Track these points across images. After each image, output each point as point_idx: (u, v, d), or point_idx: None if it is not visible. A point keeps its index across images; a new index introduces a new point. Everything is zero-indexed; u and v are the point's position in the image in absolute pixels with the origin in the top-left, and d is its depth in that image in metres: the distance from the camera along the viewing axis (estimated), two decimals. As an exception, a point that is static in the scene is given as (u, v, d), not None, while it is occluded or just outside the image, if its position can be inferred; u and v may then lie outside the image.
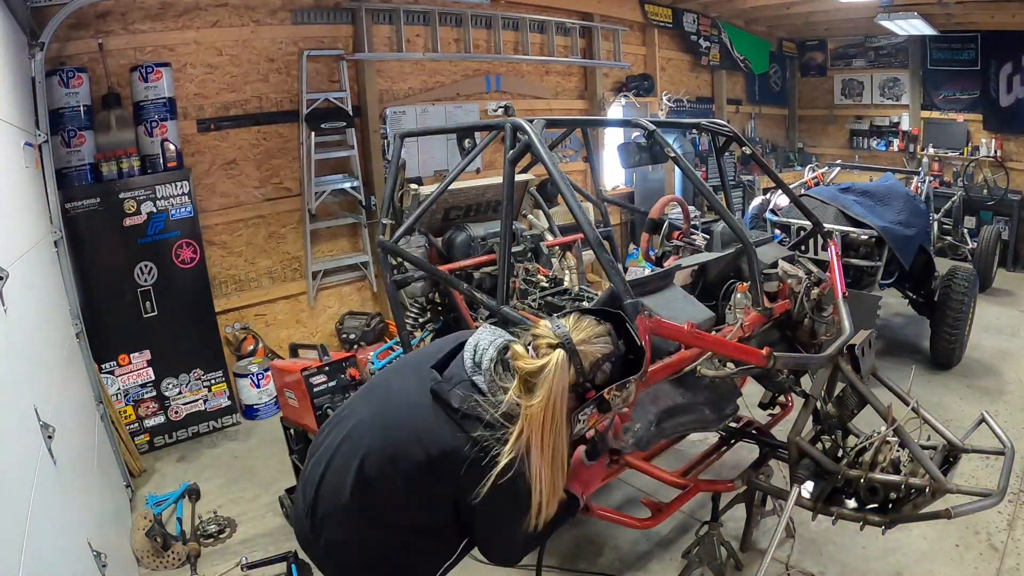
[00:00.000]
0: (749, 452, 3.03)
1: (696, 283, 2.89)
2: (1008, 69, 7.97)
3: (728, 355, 2.26)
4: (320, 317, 5.53)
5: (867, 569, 2.90)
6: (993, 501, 2.04)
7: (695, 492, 2.69)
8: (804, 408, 2.36)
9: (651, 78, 7.75)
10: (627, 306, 2.01)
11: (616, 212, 7.43)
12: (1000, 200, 7.87)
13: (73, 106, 3.97)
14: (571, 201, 2.28)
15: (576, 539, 3.22)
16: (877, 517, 2.18)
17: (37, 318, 2.64)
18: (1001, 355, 5.13)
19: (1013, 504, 3.23)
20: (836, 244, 3.26)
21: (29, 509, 1.69)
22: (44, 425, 2.07)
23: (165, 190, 4.21)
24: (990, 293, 6.66)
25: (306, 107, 5.02)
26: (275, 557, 2.93)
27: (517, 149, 2.53)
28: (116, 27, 4.29)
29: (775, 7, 8.12)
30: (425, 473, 1.43)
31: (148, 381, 4.31)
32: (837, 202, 4.76)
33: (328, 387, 3.07)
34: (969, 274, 4.87)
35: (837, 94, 10.04)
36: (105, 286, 4.07)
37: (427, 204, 3.03)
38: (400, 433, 1.49)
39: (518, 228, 3.88)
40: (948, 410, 4.19)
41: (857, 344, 2.37)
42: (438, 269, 3.16)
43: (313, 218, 5.22)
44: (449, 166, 5.65)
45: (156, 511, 3.39)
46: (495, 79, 6.32)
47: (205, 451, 4.34)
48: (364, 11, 5.26)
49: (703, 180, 3.34)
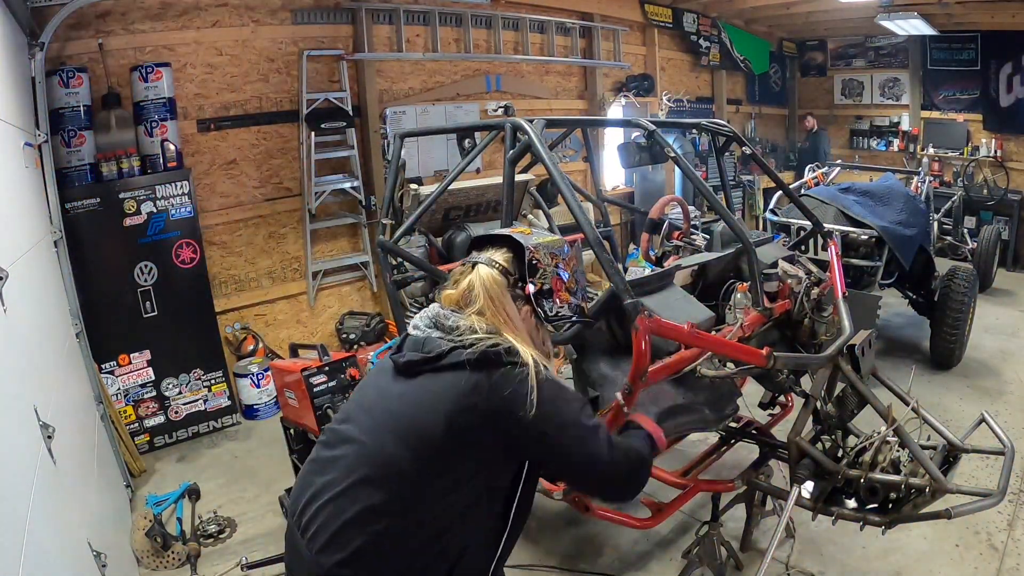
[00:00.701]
0: (749, 452, 3.03)
1: (696, 283, 2.89)
2: (1008, 69, 7.97)
3: (728, 355, 2.26)
4: (320, 317, 5.53)
5: (867, 569, 2.90)
6: (993, 501, 2.04)
7: (695, 492, 2.70)
8: (804, 408, 2.36)
9: (651, 78, 7.75)
10: (627, 306, 2.01)
11: (616, 212, 7.43)
12: (1000, 200, 7.88)
13: (73, 106, 3.97)
14: (571, 201, 2.28)
15: (576, 539, 3.22)
16: (877, 517, 2.18)
17: (37, 318, 2.63)
18: (1001, 355, 5.13)
19: (1013, 504, 3.23)
20: (836, 244, 3.26)
21: (29, 509, 1.69)
22: (44, 425, 2.07)
23: (165, 190, 4.21)
24: (990, 293, 6.66)
25: (306, 107, 5.03)
26: (275, 557, 2.92)
27: (517, 149, 2.53)
28: (116, 27, 4.29)
29: (775, 7, 8.13)
30: (459, 434, 1.33)
31: (148, 381, 4.31)
32: (837, 202, 4.76)
33: (328, 387, 3.07)
34: (969, 274, 4.87)
35: (837, 94, 10.05)
36: (105, 286, 4.07)
37: (427, 204, 3.03)
38: (406, 421, 1.38)
39: (518, 228, 3.88)
40: (948, 410, 4.19)
41: (857, 344, 2.37)
42: (438, 269, 3.16)
43: (313, 218, 5.22)
44: (449, 166, 5.64)
45: (156, 511, 3.38)
46: (495, 79, 6.32)
47: (205, 451, 4.34)
48: (364, 11, 5.26)
49: (703, 180, 3.34)
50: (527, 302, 1.49)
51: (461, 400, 1.33)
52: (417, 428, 1.36)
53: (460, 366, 1.35)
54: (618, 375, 2.18)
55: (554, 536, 3.25)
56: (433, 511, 1.36)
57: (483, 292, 1.44)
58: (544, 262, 1.50)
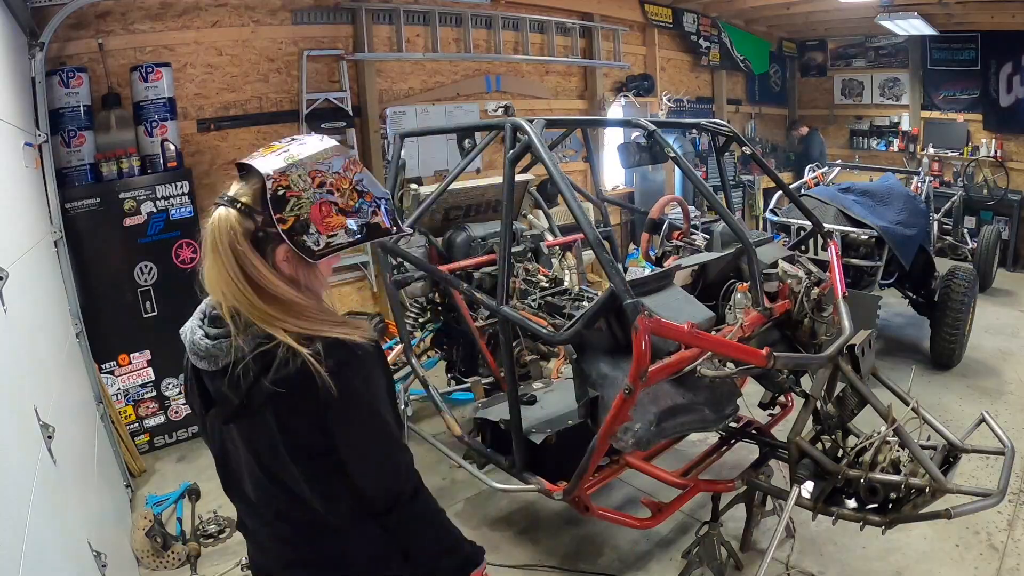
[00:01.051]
0: (749, 452, 3.03)
1: (696, 283, 2.89)
2: (1008, 69, 7.97)
3: (728, 355, 2.26)
4: (320, 317, 5.53)
5: (867, 569, 2.90)
6: (993, 501, 2.04)
7: (695, 492, 2.70)
8: (804, 408, 2.37)
9: (651, 78, 7.75)
10: (627, 306, 2.01)
11: (616, 212, 7.43)
12: (1000, 200, 7.88)
13: (73, 106, 3.96)
14: (571, 201, 2.28)
15: (576, 539, 3.22)
16: (877, 517, 2.18)
17: (37, 318, 2.64)
18: (1001, 355, 5.13)
19: (1013, 504, 3.23)
20: (836, 244, 3.26)
21: (29, 509, 1.69)
22: (44, 425, 2.07)
23: (165, 190, 4.21)
24: (990, 293, 6.66)
25: (306, 107, 5.03)
26: (275, 557, 2.92)
27: (517, 149, 2.53)
28: (116, 27, 4.29)
29: (775, 7, 8.12)
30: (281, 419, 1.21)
31: (148, 381, 4.31)
32: (837, 202, 4.75)
33: (328, 387, 3.07)
34: (969, 274, 4.87)
35: (837, 94, 10.04)
36: (105, 286, 4.06)
37: (427, 204, 3.03)
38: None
39: (518, 228, 3.88)
40: (948, 410, 4.19)
41: (857, 344, 2.37)
42: (438, 269, 3.16)
43: (313, 218, 5.21)
44: (449, 166, 5.64)
45: (156, 511, 3.38)
46: (495, 79, 6.32)
47: (205, 451, 4.28)
48: (364, 11, 5.26)
49: (703, 180, 3.34)
50: (281, 241, 1.22)
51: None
52: None
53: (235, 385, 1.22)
54: (618, 375, 2.18)
55: (554, 536, 3.25)
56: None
57: (211, 252, 1.21)
58: (298, 187, 1.22)
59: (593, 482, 2.61)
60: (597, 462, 2.34)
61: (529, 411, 2.81)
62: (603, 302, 2.15)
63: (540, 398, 2.97)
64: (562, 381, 3.09)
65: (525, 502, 3.50)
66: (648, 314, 1.99)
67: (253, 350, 1.21)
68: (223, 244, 1.20)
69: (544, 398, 2.97)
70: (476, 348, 3.47)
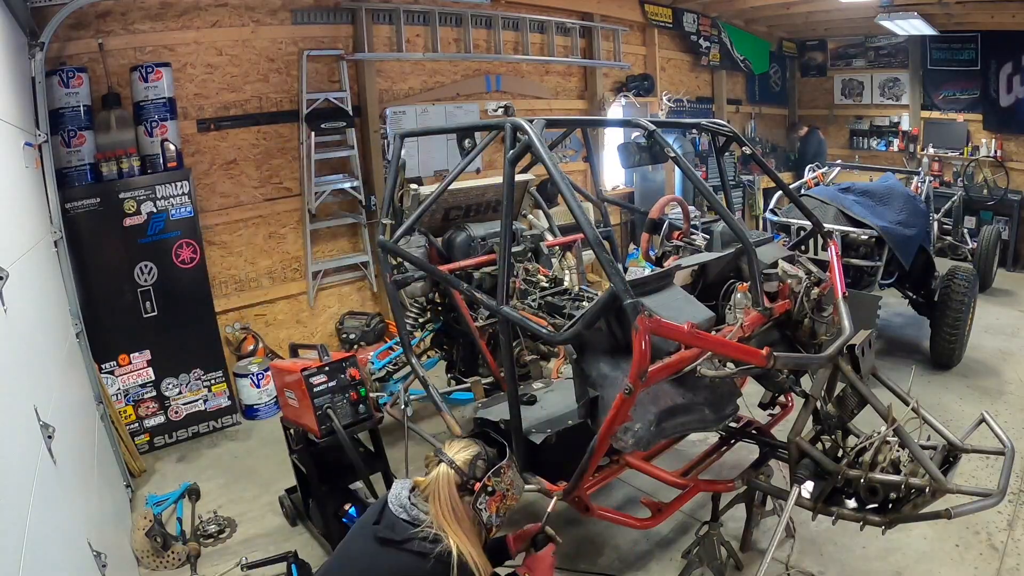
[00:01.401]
0: (749, 452, 3.03)
1: (696, 283, 2.89)
2: (1008, 69, 7.97)
3: (728, 355, 2.25)
4: (320, 317, 5.54)
5: (867, 569, 2.90)
6: (993, 501, 2.04)
7: (695, 492, 2.70)
8: (804, 408, 2.36)
9: (651, 78, 7.75)
10: (627, 306, 2.01)
11: (616, 212, 7.43)
12: (1000, 200, 7.88)
13: (73, 106, 3.97)
14: (571, 201, 2.28)
15: (576, 539, 3.22)
16: (877, 517, 2.18)
17: (37, 318, 2.64)
18: (1001, 355, 5.13)
19: (1013, 504, 3.23)
20: (836, 244, 3.26)
21: (29, 509, 1.69)
22: (44, 425, 2.07)
23: (165, 190, 4.21)
24: (990, 293, 6.66)
25: (306, 107, 5.03)
26: (275, 557, 2.92)
27: (517, 149, 2.53)
28: (116, 27, 4.29)
29: (775, 7, 8.13)
30: None
31: (148, 381, 4.31)
32: (837, 202, 4.76)
33: (328, 387, 3.07)
34: (969, 274, 4.87)
35: (837, 94, 10.04)
36: (105, 286, 4.07)
37: (427, 204, 3.03)
38: None
39: (518, 228, 3.88)
40: (948, 410, 4.20)
41: (857, 344, 2.37)
42: (438, 269, 3.16)
43: (313, 218, 5.22)
44: (449, 166, 5.64)
45: (156, 511, 3.38)
46: (495, 79, 6.32)
47: (205, 451, 4.34)
48: (364, 11, 5.27)
49: (703, 180, 3.34)
50: (470, 494, 1.87)
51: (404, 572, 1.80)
52: None
53: (412, 552, 1.79)
54: (618, 375, 2.18)
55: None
56: None
57: (439, 495, 1.84)
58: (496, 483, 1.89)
59: (593, 482, 2.61)
60: (597, 462, 2.34)
61: (529, 411, 2.81)
62: (603, 302, 2.14)
63: (540, 398, 2.97)
64: (562, 381, 3.09)
65: (525, 502, 3.49)
66: (648, 314, 1.99)
67: None
68: (443, 484, 1.88)
69: (544, 398, 2.97)
70: (476, 348, 3.47)
